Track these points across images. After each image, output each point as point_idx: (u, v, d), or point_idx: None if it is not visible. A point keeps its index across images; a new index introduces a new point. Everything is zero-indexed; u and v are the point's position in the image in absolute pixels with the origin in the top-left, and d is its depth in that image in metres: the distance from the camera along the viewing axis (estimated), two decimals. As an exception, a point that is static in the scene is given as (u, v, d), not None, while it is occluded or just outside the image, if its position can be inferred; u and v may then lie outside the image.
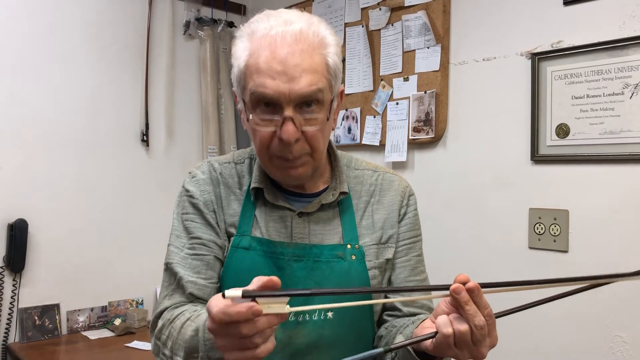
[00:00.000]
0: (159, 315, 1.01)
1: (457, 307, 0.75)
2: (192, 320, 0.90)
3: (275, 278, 0.69)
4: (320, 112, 0.94)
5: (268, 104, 0.92)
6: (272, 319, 0.69)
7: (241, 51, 0.95)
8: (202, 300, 1.00)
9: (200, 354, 0.84)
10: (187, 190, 1.06)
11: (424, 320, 0.86)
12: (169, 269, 1.03)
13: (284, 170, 0.97)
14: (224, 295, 0.67)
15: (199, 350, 0.84)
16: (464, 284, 0.74)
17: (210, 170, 1.07)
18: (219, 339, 0.73)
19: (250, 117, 0.93)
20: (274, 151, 0.94)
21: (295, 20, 0.93)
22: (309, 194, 1.05)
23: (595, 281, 0.69)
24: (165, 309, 1.00)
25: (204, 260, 1.01)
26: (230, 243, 1.02)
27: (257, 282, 0.69)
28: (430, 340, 0.78)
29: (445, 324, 0.76)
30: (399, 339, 0.94)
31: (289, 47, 0.90)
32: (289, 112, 0.90)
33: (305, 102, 0.92)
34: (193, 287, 0.99)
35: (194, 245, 1.02)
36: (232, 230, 1.03)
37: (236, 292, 0.65)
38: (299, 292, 0.70)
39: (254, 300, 0.66)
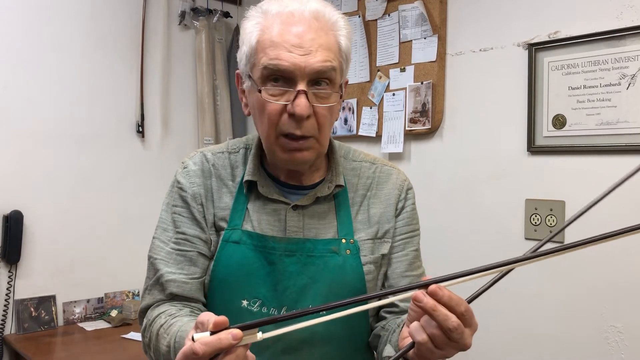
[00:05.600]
0: (143, 311, 1.02)
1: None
2: (165, 329, 0.90)
3: (223, 318, 0.65)
4: (332, 92, 0.93)
5: (278, 79, 0.90)
6: (246, 345, 0.66)
7: (252, 27, 0.93)
8: (181, 298, 0.99)
9: None
10: (178, 182, 1.04)
11: (402, 327, 0.81)
12: (151, 263, 1.03)
13: (290, 152, 0.94)
14: (192, 339, 0.64)
15: None
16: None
17: (203, 161, 1.05)
18: None
19: (261, 91, 0.91)
20: (282, 128, 0.92)
21: (310, 0, 0.93)
22: (305, 186, 1.03)
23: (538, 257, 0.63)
24: (148, 306, 1.01)
25: (187, 256, 1.00)
26: (221, 237, 1.00)
27: (208, 318, 0.66)
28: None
29: (418, 331, 0.71)
30: (388, 350, 0.93)
31: (306, 23, 0.90)
32: (302, 85, 0.89)
33: (318, 80, 0.91)
34: (172, 285, 0.98)
35: (179, 241, 1.01)
36: (223, 224, 1.01)
37: (204, 333, 0.65)
38: (267, 319, 0.66)
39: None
